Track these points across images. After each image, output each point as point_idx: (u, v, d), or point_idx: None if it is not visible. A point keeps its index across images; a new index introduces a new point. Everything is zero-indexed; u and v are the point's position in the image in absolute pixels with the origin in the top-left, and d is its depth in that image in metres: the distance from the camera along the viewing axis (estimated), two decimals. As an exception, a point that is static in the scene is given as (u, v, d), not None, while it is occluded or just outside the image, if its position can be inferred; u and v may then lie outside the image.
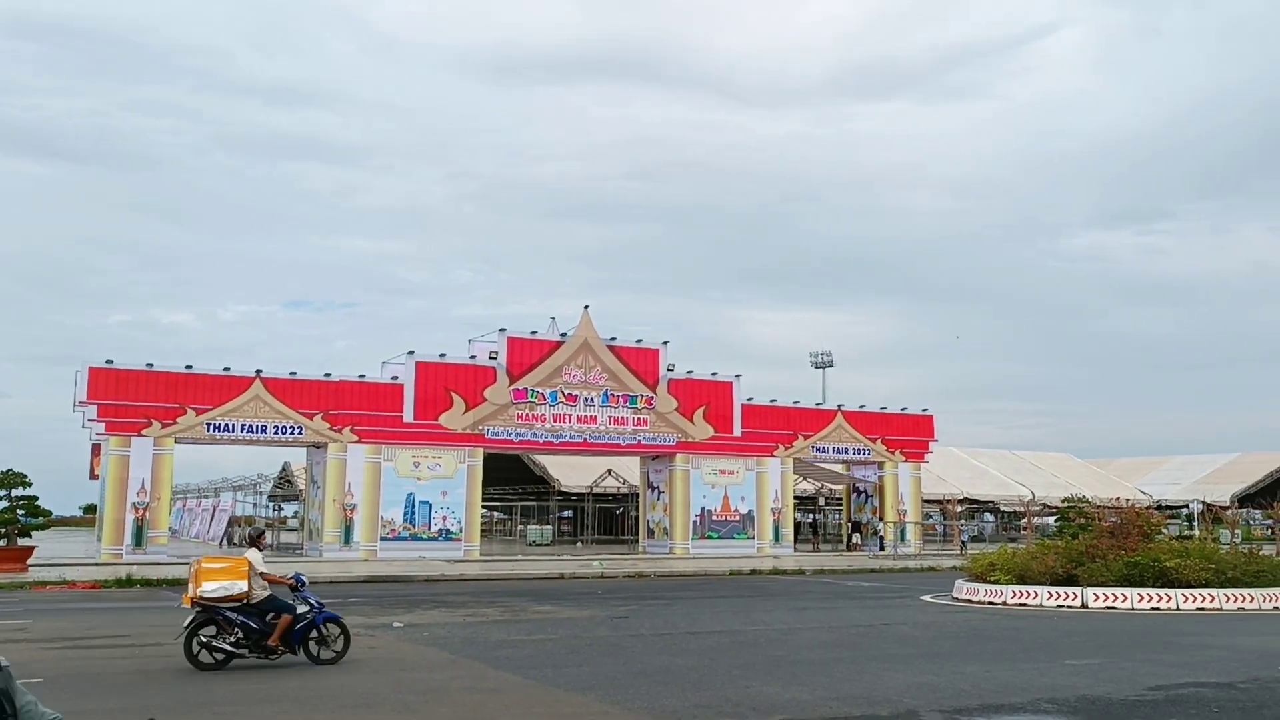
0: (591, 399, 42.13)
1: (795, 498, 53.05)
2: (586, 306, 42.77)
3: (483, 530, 46.15)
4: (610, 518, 62.03)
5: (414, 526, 38.84)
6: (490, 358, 40.88)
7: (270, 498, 55.54)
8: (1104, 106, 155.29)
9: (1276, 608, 21.90)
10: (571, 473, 54.67)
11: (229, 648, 12.89)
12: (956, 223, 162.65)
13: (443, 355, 40.60)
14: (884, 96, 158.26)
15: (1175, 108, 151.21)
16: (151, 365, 36.43)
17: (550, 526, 56.14)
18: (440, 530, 39.29)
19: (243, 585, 12.95)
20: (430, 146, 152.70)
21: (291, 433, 38.06)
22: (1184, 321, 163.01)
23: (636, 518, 50.36)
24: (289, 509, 63.70)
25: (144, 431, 35.74)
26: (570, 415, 41.78)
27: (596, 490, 55.39)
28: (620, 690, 11.72)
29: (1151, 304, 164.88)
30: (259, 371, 37.66)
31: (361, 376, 39.51)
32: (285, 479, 59.33)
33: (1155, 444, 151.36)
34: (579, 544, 53.48)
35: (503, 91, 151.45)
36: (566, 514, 63.36)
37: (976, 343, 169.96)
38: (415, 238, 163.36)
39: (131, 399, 35.68)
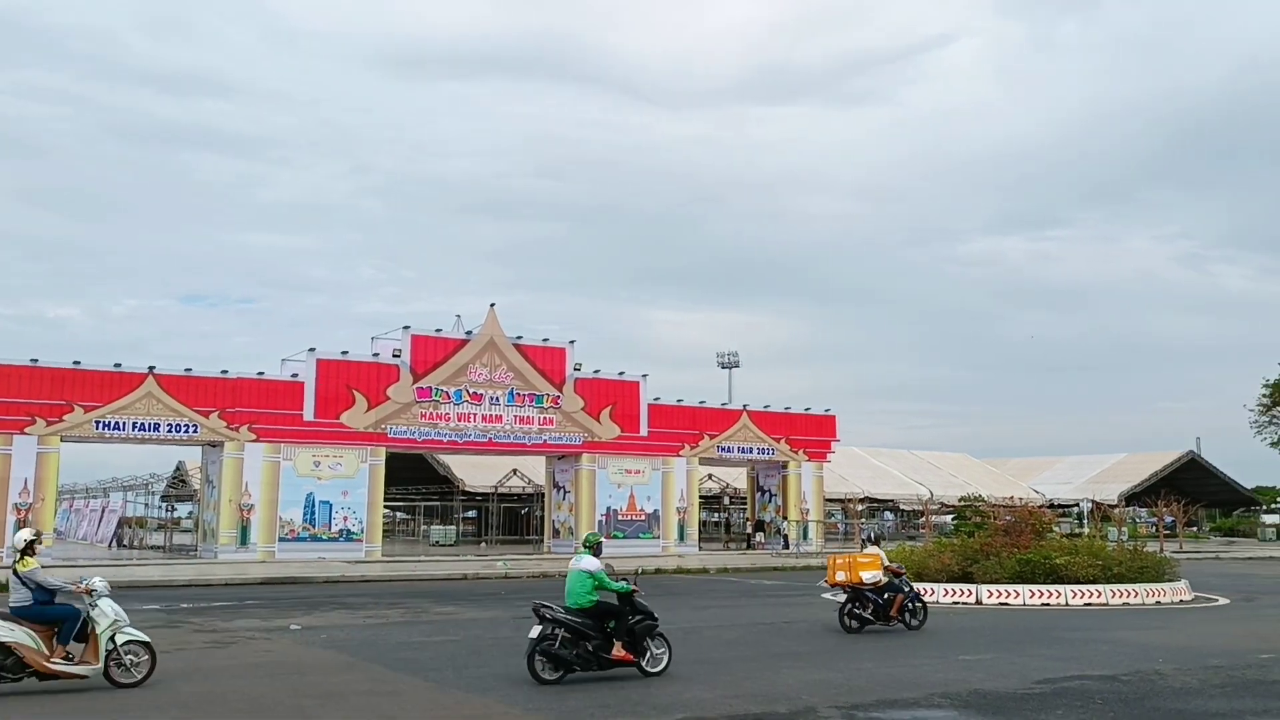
0: (497, 398, 41.82)
1: (701, 497, 53.43)
2: (492, 305, 42.48)
3: (385, 531, 45.49)
4: (515, 518, 61.67)
5: (314, 527, 38.06)
6: (394, 355, 40.28)
7: (163, 498, 53.79)
8: (999, 116, 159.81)
9: (1159, 603, 22.76)
10: (476, 472, 54.19)
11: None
12: (857, 227, 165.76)
13: (345, 353, 39.87)
14: (787, 101, 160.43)
15: (1067, 119, 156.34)
16: (36, 361, 35.02)
17: (454, 527, 55.58)
18: (341, 531, 38.58)
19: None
20: (332, 140, 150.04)
21: (186, 431, 36.99)
22: (1074, 326, 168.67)
23: (542, 518, 50.15)
24: (183, 509, 61.89)
25: (27, 430, 34.36)
26: (475, 414, 41.40)
27: (501, 490, 55.00)
28: (521, 691, 11.65)
29: (1044, 308, 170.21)
30: (152, 368, 36.49)
31: (260, 374, 38.57)
32: (179, 479, 57.61)
33: (1048, 444, 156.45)
34: (483, 544, 53.04)
35: (407, 86, 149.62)
36: (471, 514, 62.80)
37: (876, 344, 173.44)
38: (317, 233, 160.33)
39: (14, 396, 34.28)
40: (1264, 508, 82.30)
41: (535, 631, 12.29)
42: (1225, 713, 10.36)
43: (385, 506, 45.73)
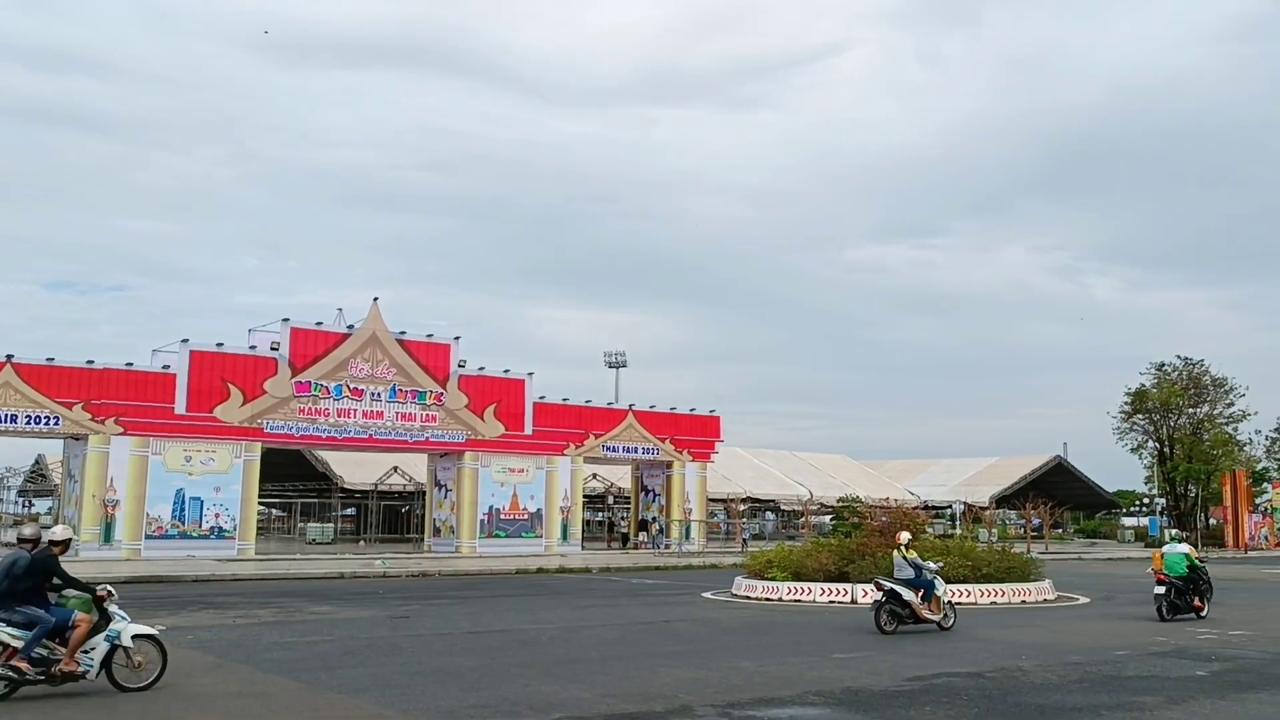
0: (379, 394, 41.06)
1: (586, 496, 53.40)
2: (376, 299, 41.71)
3: (260, 528, 44.23)
4: (396, 516, 60.73)
5: (183, 524, 36.79)
6: (272, 348, 39.20)
7: (20, 493, 51.45)
8: (886, 126, 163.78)
9: (1024, 602, 23.56)
10: (356, 469, 53.18)
11: None
12: (746, 230, 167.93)
13: (220, 344, 38.63)
14: (679, 103, 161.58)
15: (951, 132, 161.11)
16: (-117, 346, 33.05)
17: (332, 525, 54.43)
18: (212, 528, 37.37)
19: None
20: (213, 125, 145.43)
21: (46, 423, 35.34)
22: (953, 332, 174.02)
23: (423, 516, 49.44)
24: (42, 505, 59.20)
25: (-128, 419, 32.44)
26: (356, 410, 40.58)
27: (382, 487, 54.08)
28: (396, 692, 11.42)
29: (925, 314, 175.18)
30: (10, 356, 34.76)
31: (129, 364, 37.10)
32: (39, 473, 55.12)
33: (925, 447, 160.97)
34: (362, 542, 52.05)
35: (292, 72, 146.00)
36: (349, 512, 61.61)
37: (762, 346, 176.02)
38: (194, 220, 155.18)
39: None
40: (1124, 511, 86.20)
41: None
42: (1082, 707, 10.76)
43: (260, 503, 44.45)
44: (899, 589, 17.52)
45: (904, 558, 18.30)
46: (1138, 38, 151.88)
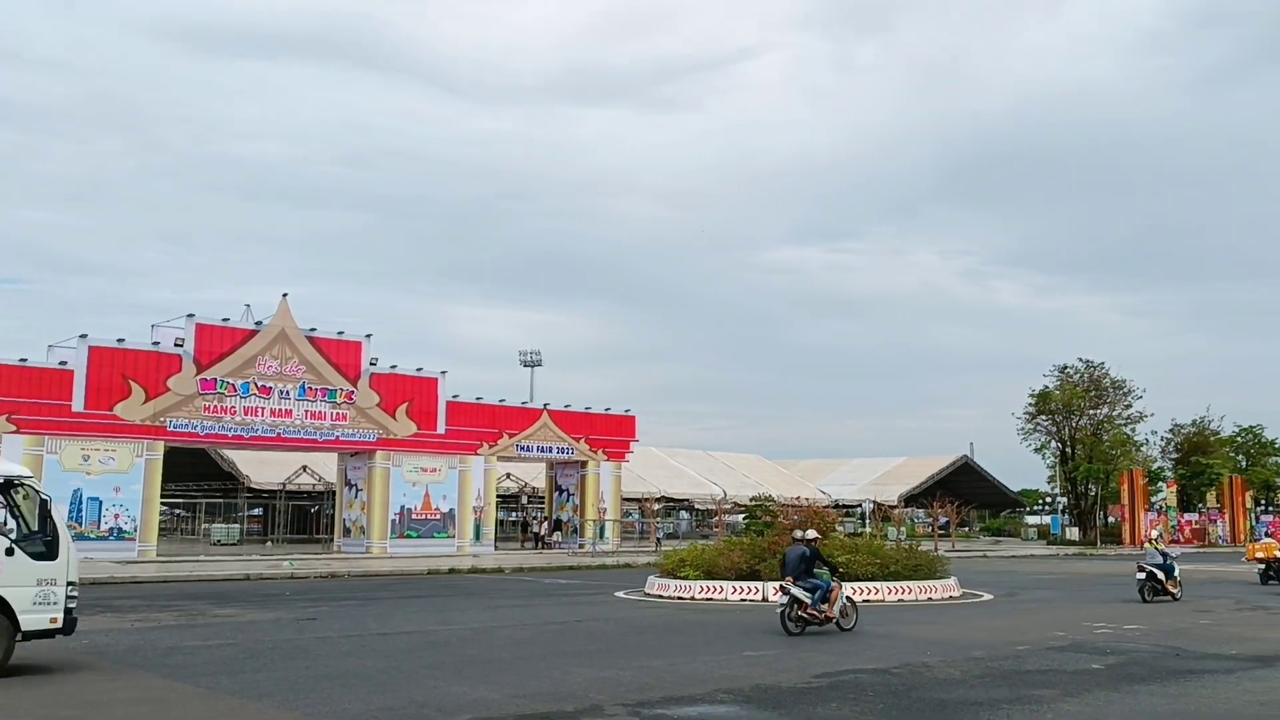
0: (287, 391, 40.25)
1: (499, 495, 53.03)
2: (285, 295, 40.92)
3: (162, 529, 43.03)
4: (304, 516, 59.59)
5: (80, 525, 35.54)
6: (176, 345, 38.17)
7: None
8: (802, 130, 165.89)
9: (931, 599, 24.03)
10: (263, 469, 52.07)
11: None
12: (663, 230, 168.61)
13: (121, 340, 37.49)
14: (598, 103, 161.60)
15: (865, 137, 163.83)
16: None
17: (238, 525, 53.19)
18: (111, 529, 36.25)
19: None
20: (116, 114, 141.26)
21: (-65, 420, 33.95)
22: (866, 334, 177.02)
23: (332, 516, 48.60)
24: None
25: None
26: (263, 408, 39.71)
27: (290, 487, 53.03)
28: (300, 695, 11.19)
29: (838, 317, 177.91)
30: (-104, 350, 33.32)
31: (23, 360, 35.79)
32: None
33: (837, 447, 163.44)
34: (269, 543, 50.95)
35: (201, 62, 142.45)
36: (256, 512, 60.20)
37: (679, 346, 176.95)
38: (95, 212, 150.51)
39: None
40: (1027, 509, 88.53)
41: None
42: (983, 701, 11.00)
43: (162, 503, 43.27)
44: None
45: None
46: (1046, 49, 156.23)
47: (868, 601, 22.95)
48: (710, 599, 23.39)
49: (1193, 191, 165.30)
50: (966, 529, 76.78)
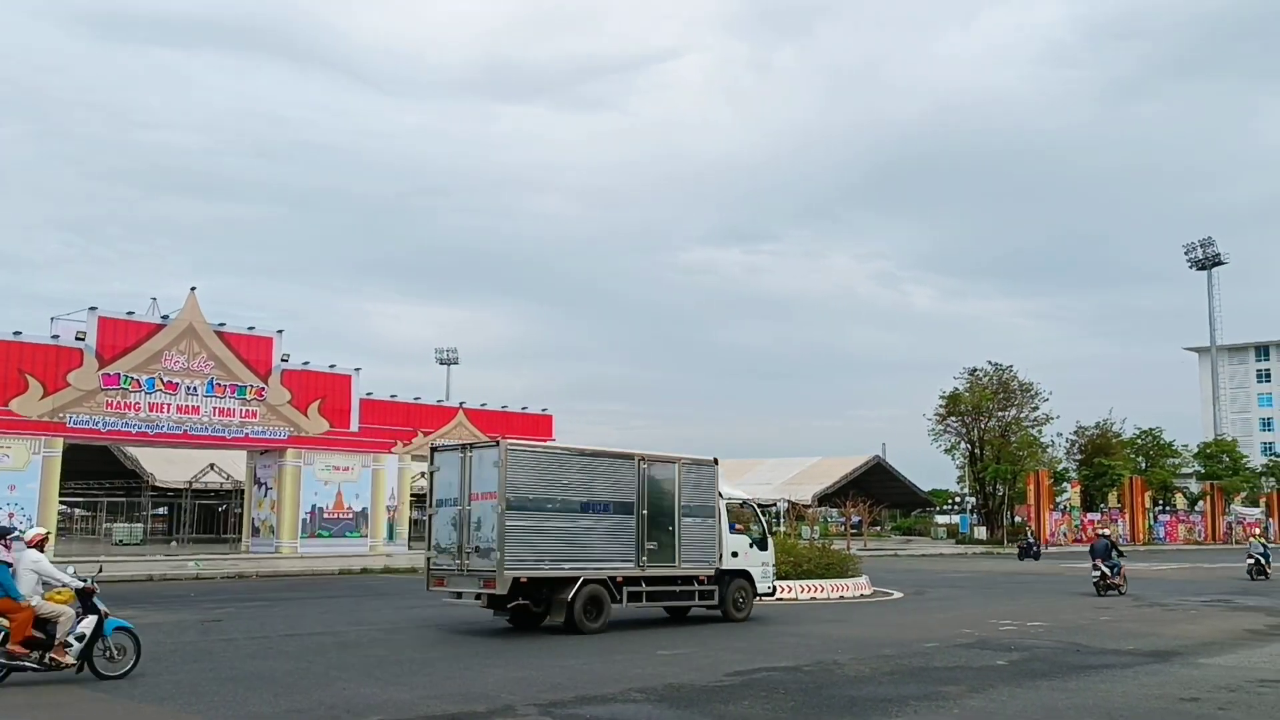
0: (195, 388, 39.22)
1: (414, 495, 52.40)
2: (193, 288, 39.85)
3: (61, 529, 41.66)
4: (212, 515, 58.20)
5: (-27, 525, 34.22)
6: (77, 338, 36.93)
7: None
8: (722, 132, 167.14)
9: (842, 597, 24.37)
10: (169, 467, 50.71)
11: None
12: (584, 229, 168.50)
13: (18, 333, 36.14)
14: (520, 99, 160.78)
15: (783, 140, 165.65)
16: None
17: (141, 525, 51.70)
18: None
19: None
20: (15, 100, 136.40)
21: None
22: (784, 335, 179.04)
23: (241, 515, 47.52)
24: None
25: None
26: (169, 404, 38.64)
27: (197, 486, 51.75)
28: (203, 699, 10.91)
29: (757, 318, 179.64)
30: None
31: (-87, 352, 34.35)
32: None
33: (755, 446, 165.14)
34: (174, 543, 49.65)
35: (107, 48, 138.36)
36: (161, 511, 58.63)
37: (598, 346, 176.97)
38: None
39: None
40: (938, 509, 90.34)
41: None
42: (892, 698, 11.17)
43: (61, 502, 41.91)
44: None
45: None
46: (960, 58, 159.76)
47: (781, 600, 23.20)
48: (625, 598, 23.33)
49: (1097, 200, 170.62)
50: (878, 528, 78.05)
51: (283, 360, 41.89)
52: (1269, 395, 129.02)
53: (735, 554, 19.59)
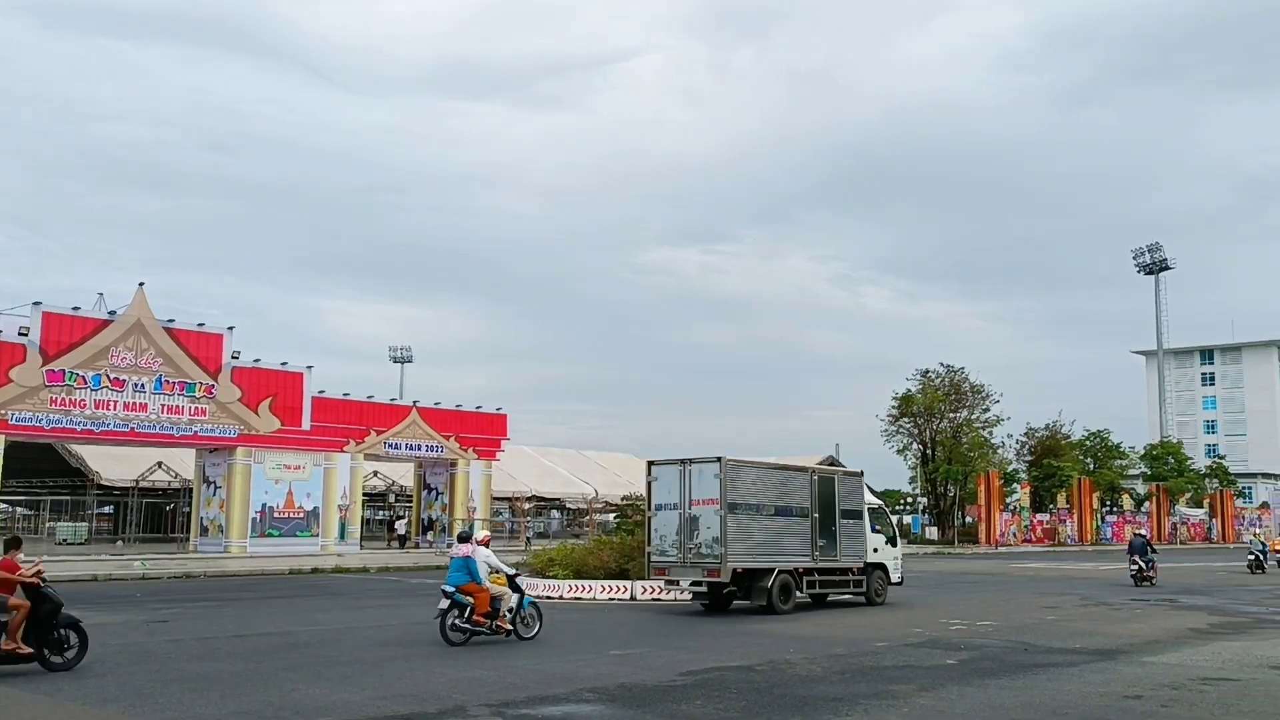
0: (142, 385, 38.58)
1: (366, 494, 51.96)
2: (141, 284, 39.18)
3: (2, 528, 40.78)
4: (159, 514, 57.29)
5: (-89, 523, 33.48)
6: (20, 334, 36.17)
7: None
8: (679, 132, 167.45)
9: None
10: (114, 464, 49.82)
11: None
12: (541, 227, 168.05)
13: (-40, 328, 35.37)
14: (479, 97, 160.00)
15: (741, 141, 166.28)
16: None
17: (86, 524, 50.77)
18: (-54, 528, 34.16)
19: None
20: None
21: None
22: (740, 335, 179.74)
23: (189, 514, 46.82)
24: None
25: None
26: (116, 402, 37.96)
27: (144, 484, 50.91)
28: (148, 700, 10.73)
29: (714, 318, 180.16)
30: None
31: None
32: None
33: (713, 446, 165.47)
34: (120, 543, 48.81)
35: (56, 39, 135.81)
36: (107, 510, 57.63)
37: (555, 345, 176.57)
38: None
39: None
40: (890, 509, 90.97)
41: None
42: (842, 697, 11.24)
43: (3, 501, 41.05)
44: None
45: None
46: (917, 62, 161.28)
47: (736, 600, 23.25)
48: (579, 598, 23.36)
49: (1050, 205, 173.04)
50: (831, 528, 78.45)
51: (233, 357, 41.34)
52: (1213, 398, 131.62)
53: (875, 550, 23.40)
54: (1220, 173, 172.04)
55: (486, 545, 16.57)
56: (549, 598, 23.47)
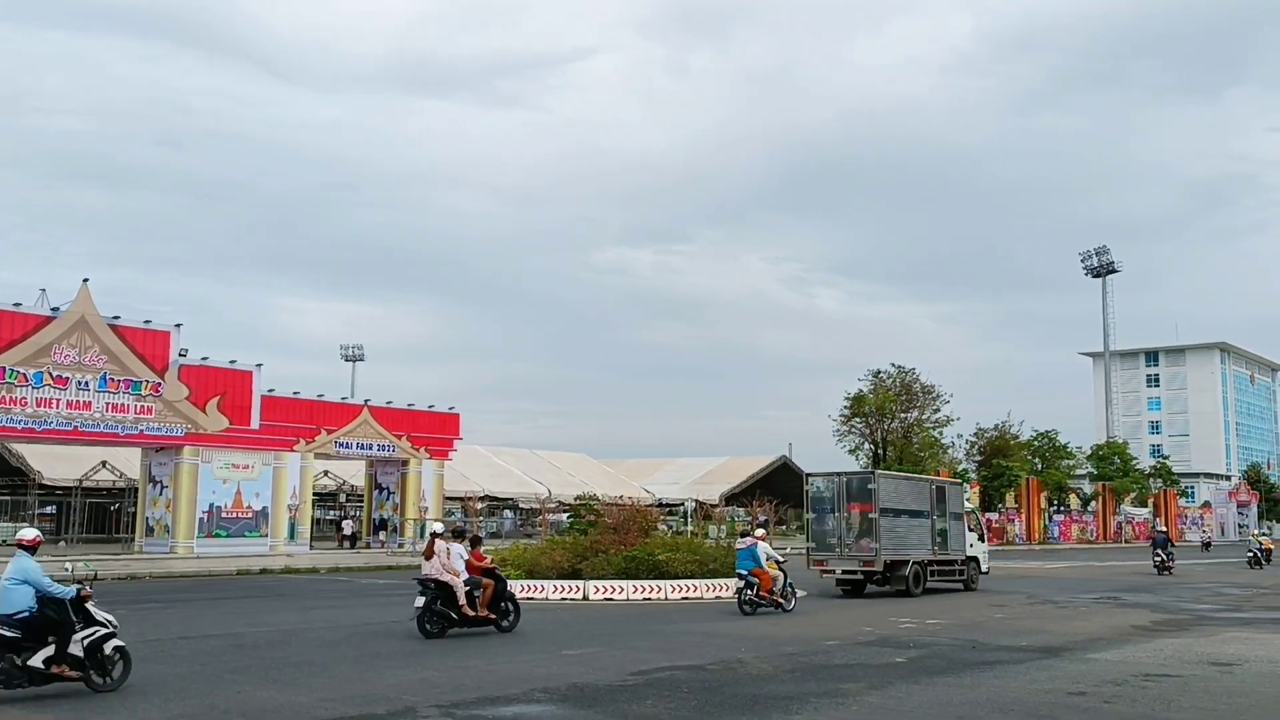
0: (86, 383, 37.86)
1: (317, 494, 51.41)
2: (86, 280, 38.44)
3: (-60, 528, 39.84)
4: (104, 515, 56.26)
5: None
6: (-40, 330, 35.38)
7: None
8: (636, 131, 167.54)
9: (746, 595, 24.55)
10: (57, 464, 48.84)
11: None
12: (496, 226, 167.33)
13: (-103, 323, 34.51)
14: (435, 94, 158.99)
15: (697, 142, 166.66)
16: None
17: (27, 524, 49.69)
18: (-119, 528, 33.31)
19: None
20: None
21: None
22: (695, 336, 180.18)
23: (135, 514, 46.03)
24: None
25: None
26: (59, 400, 37.22)
27: (87, 484, 49.98)
28: (89, 705, 10.54)
29: (669, 318, 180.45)
30: None
31: None
32: None
33: (665, 446, 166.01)
34: (62, 544, 47.85)
35: (1, 30, 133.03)
36: (49, 510, 56.47)
37: (510, 344, 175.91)
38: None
39: None
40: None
41: None
42: (793, 695, 11.29)
43: (-59, 501, 40.07)
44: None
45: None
46: (872, 66, 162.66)
47: (687, 599, 23.35)
48: (531, 598, 23.23)
49: (1002, 208, 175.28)
50: (784, 527, 78.97)
51: (181, 355, 40.71)
52: (1158, 399, 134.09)
53: (971, 544, 28.35)
54: (1167, 178, 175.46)
55: (765, 538, 21.68)
56: (501, 598, 23.36)
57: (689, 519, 66.15)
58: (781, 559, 21.47)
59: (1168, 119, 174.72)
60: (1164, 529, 41.64)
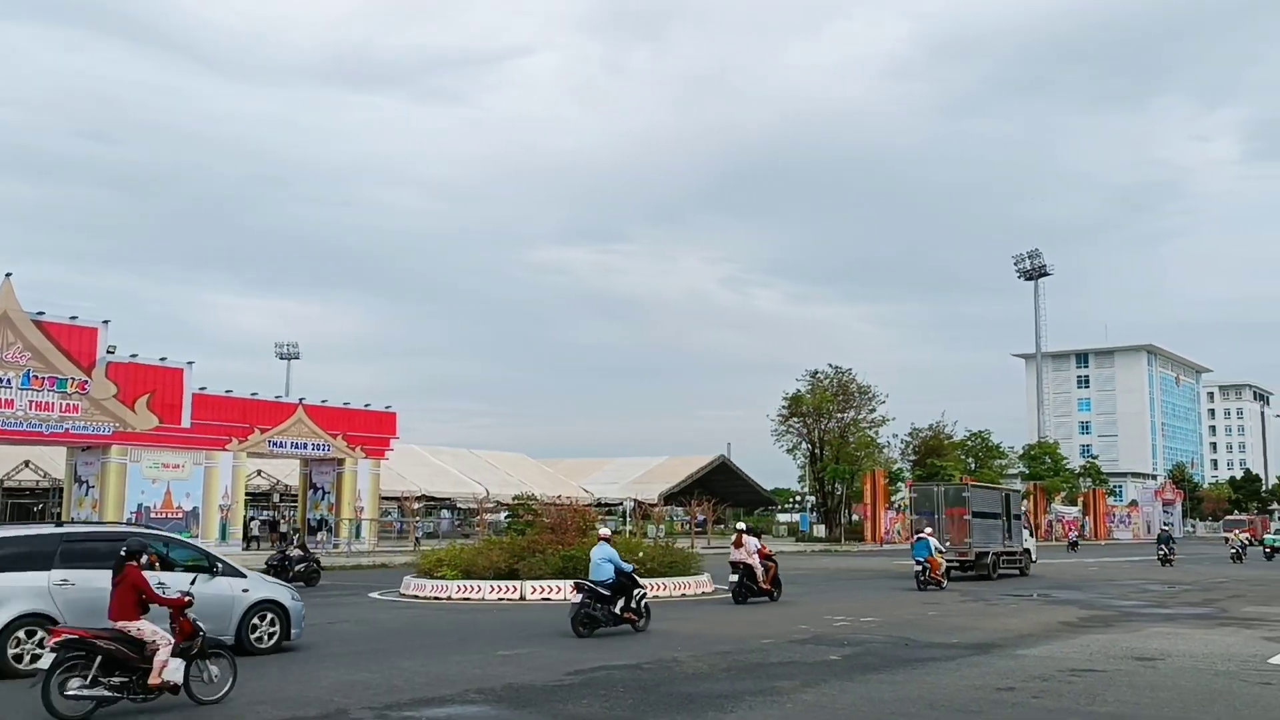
0: (9, 380, 36.82)
1: (249, 494, 50.60)
2: (9, 274, 37.40)
3: None
4: (27, 515, 54.93)
5: None
6: (-123, 325, 34.26)
7: None
8: (573, 130, 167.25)
9: (684, 595, 24.67)
10: (-20, 463, 47.63)
11: None
12: (432, 223, 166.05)
13: None
14: (368, 89, 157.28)
15: (635, 141, 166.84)
16: None
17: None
18: None
19: None
20: None
21: None
22: (634, 335, 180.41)
23: (59, 515, 44.93)
24: None
25: None
26: (-20, 397, 36.19)
27: (9, 484, 48.77)
28: (4, 709, 10.22)
29: (607, 317, 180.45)
30: None
31: None
32: None
33: (604, 445, 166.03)
34: (-15, 545, 46.59)
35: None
36: (-30, 511, 55.05)
37: (447, 343, 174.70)
38: None
39: None
40: (780, 507, 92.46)
41: None
42: (728, 694, 11.33)
43: None
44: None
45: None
46: (808, 69, 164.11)
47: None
48: (467, 599, 23.11)
49: (936, 211, 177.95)
50: (722, 526, 79.37)
51: (108, 352, 39.80)
52: (1087, 400, 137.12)
53: (1026, 539, 36.05)
54: (1094, 184, 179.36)
55: (940, 540, 28.73)
56: (437, 598, 23.21)
57: (628, 518, 66.23)
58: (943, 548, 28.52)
59: (1095, 126, 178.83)
60: (1167, 527, 47.77)
